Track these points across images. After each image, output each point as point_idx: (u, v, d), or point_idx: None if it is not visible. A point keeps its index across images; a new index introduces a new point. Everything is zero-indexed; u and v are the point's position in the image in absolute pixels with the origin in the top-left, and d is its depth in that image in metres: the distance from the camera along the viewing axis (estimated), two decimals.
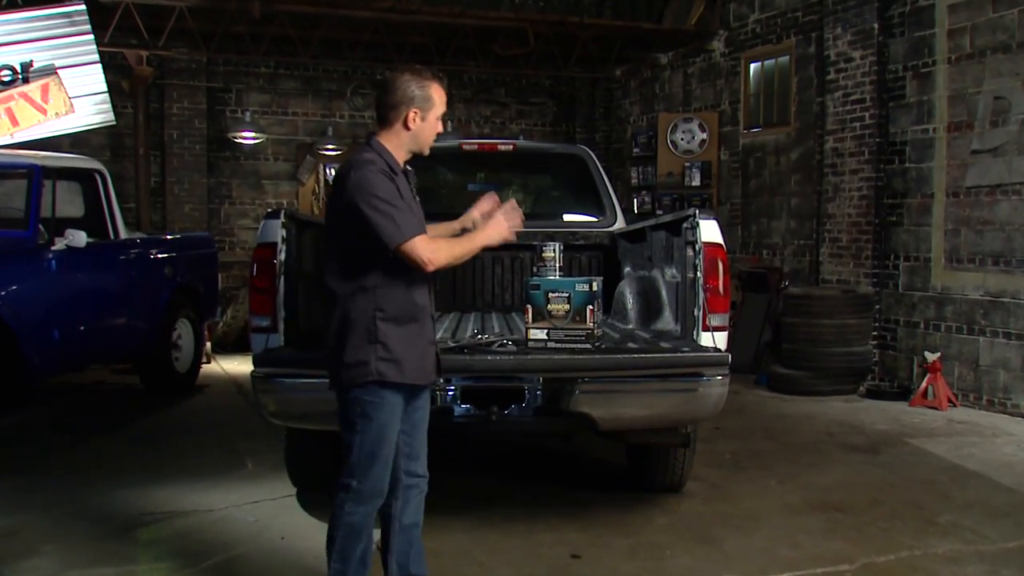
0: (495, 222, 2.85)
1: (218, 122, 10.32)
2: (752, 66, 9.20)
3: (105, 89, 8.13)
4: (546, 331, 3.32)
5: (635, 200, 10.35)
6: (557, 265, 3.42)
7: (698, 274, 3.52)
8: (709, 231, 3.56)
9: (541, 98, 11.67)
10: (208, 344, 8.26)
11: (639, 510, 4.17)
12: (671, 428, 3.84)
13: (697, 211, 3.60)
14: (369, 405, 2.67)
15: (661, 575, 3.45)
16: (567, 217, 5.88)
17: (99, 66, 8.01)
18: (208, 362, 8.21)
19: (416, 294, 2.72)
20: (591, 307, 3.25)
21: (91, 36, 7.90)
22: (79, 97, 7.98)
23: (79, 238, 5.57)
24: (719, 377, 3.38)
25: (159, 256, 6.88)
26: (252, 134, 10.09)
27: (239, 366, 8.33)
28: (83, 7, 7.87)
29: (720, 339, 3.53)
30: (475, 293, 5.48)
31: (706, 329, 3.51)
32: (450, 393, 3.53)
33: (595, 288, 3.26)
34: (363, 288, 2.66)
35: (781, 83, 8.79)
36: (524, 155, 6.13)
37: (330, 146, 10.41)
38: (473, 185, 6.63)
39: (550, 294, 3.29)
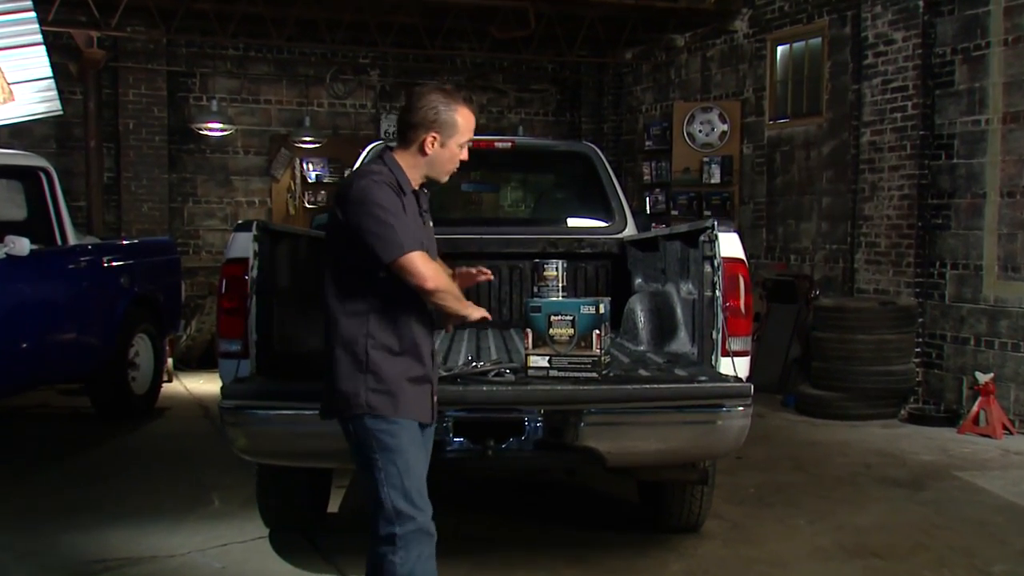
0: (476, 310, 2.86)
1: (180, 111, 10.34)
2: (779, 49, 9.23)
3: (50, 74, 8.09)
4: (548, 358, 3.34)
5: (647, 199, 10.40)
6: (560, 285, 3.45)
7: (717, 292, 3.55)
8: (729, 245, 3.59)
9: (543, 85, 11.71)
10: (169, 361, 8.29)
11: (651, 554, 4.19)
12: (687, 464, 3.86)
13: (715, 223, 3.63)
14: (384, 434, 2.70)
15: None
16: (572, 222, 5.92)
17: (43, 48, 7.95)
18: (169, 381, 8.23)
19: (414, 324, 2.76)
20: (598, 331, 3.28)
21: (33, 14, 7.83)
22: (20, 83, 7.93)
23: (21, 245, 5.56)
24: (740, 408, 3.41)
25: (113, 264, 6.89)
26: (219, 124, 10.10)
27: (204, 385, 8.35)
28: None
29: (741, 365, 3.56)
30: None
31: (725, 354, 3.54)
32: (442, 425, 3.54)
33: (602, 310, 3.29)
34: (356, 311, 2.72)
35: (812, 68, 8.82)
36: (524, 153, 6.17)
37: (307, 138, 10.42)
38: (467, 185, 6.69)
39: (552, 317, 3.31)
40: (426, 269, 2.66)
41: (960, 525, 4.69)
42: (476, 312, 2.86)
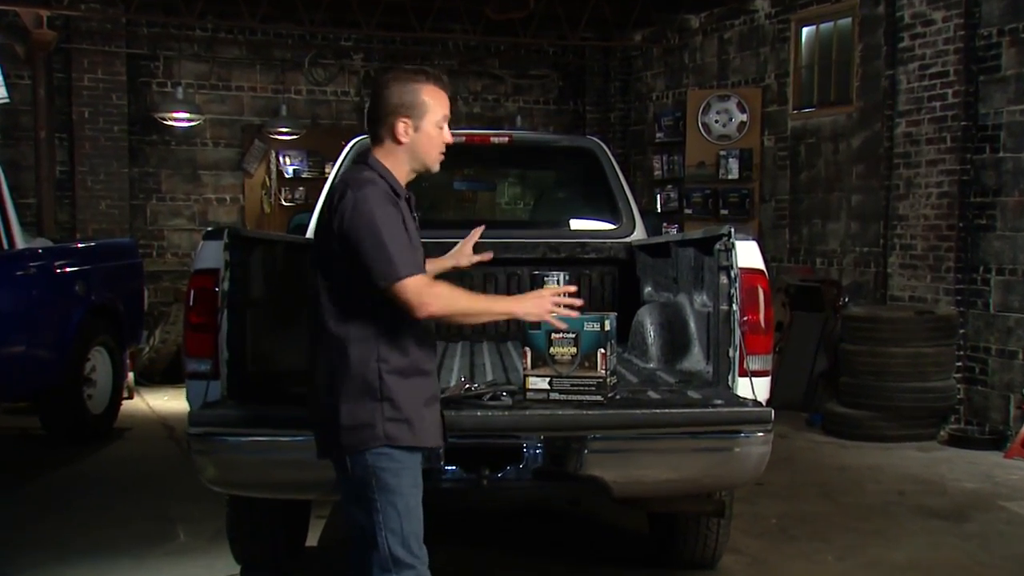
0: (538, 297, 2.91)
1: (142, 98, 10.37)
2: (805, 30, 9.28)
3: None
4: (548, 379, 3.37)
5: (658, 196, 10.44)
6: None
7: (734, 306, 3.58)
8: (747, 255, 3.62)
9: (543, 70, 11.75)
10: (130, 376, 8.31)
11: None
12: (701, 494, 3.89)
13: (732, 230, 3.66)
14: (387, 473, 2.73)
15: None
16: (575, 224, 5.97)
17: None
18: (130, 398, 8.26)
19: (423, 341, 2.82)
20: (603, 350, 3.31)
21: None
22: None
23: None
24: (760, 434, 3.44)
25: (67, 269, 6.92)
26: (185, 114, 10.14)
27: (169, 402, 8.38)
28: None
29: (760, 387, 3.58)
30: None
31: (743, 374, 3.56)
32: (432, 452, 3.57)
33: (607, 327, 3.32)
34: (364, 333, 2.74)
35: (841, 52, 8.86)
36: (522, 149, 6.21)
37: (283, 128, 10.47)
38: (459, 183, 6.72)
39: (553, 335, 3.32)
40: (418, 296, 2.67)
41: (1008, 563, 4.69)
42: (536, 308, 2.88)
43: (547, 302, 2.89)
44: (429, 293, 2.70)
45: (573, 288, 3.01)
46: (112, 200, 10.14)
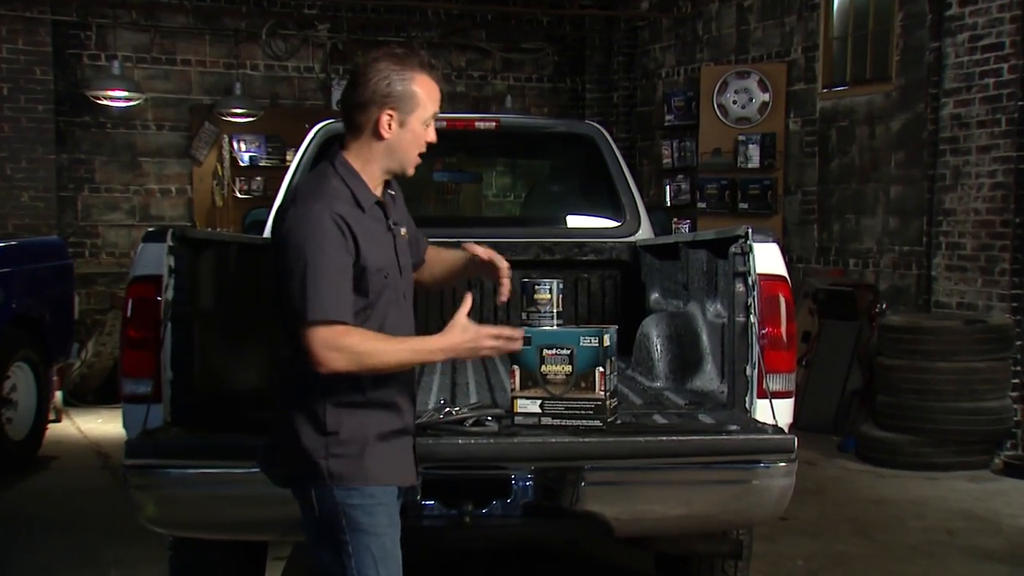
0: (477, 334, 2.80)
1: (72, 73, 10.36)
2: None
3: None
4: (539, 402, 3.38)
5: (667, 187, 10.48)
6: (555, 311, 3.49)
7: (751, 318, 3.61)
8: (767, 259, 3.64)
9: (537, 43, 11.78)
10: (58, 395, 8.31)
11: None
12: (715, 533, 3.92)
13: (750, 230, 3.68)
14: (358, 511, 2.74)
15: None
16: (572, 221, 6.00)
17: None
18: (57, 420, 8.26)
19: (392, 373, 2.80)
20: (601, 369, 3.33)
21: None
22: None
23: None
24: (782, 465, 3.46)
25: None
26: (123, 92, 10.12)
27: (104, 425, 8.37)
28: None
29: (782, 410, 3.60)
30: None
31: (762, 395, 3.59)
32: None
33: (607, 343, 3.33)
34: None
35: (879, 21, 8.91)
36: (512, 135, 6.24)
37: (238, 109, 10.46)
38: (440, 173, 6.75)
39: (545, 351, 3.35)
40: (322, 349, 2.62)
41: None
42: (471, 348, 2.81)
43: (488, 345, 2.83)
44: (340, 346, 2.63)
45: (520, 332, 2.94)
46: (36, 191, 10.15)
